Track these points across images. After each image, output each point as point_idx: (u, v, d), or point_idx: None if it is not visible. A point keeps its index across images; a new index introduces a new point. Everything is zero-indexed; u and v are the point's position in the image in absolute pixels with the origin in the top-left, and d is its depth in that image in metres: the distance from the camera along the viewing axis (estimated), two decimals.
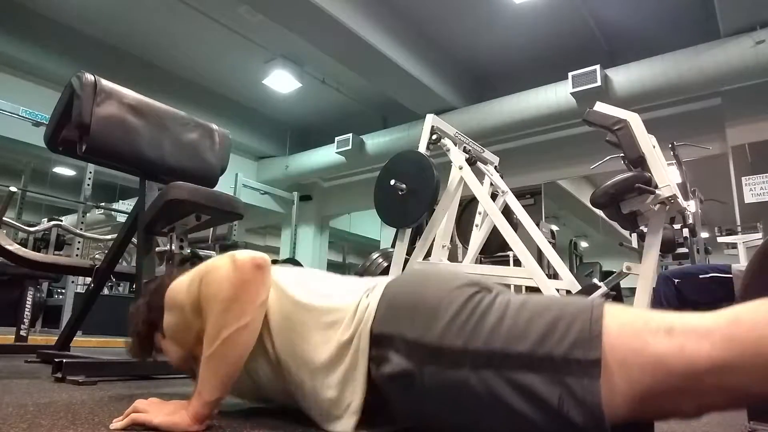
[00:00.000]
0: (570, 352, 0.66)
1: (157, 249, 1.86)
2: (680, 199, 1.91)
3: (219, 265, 0.87)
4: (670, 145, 3.76)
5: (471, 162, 2.57)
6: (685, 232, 3.71)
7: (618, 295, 3.83)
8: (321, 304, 0.91)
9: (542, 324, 0.70)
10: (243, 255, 0.87)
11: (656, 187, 1.88)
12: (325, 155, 7.91)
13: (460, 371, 0.72)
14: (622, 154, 2.09)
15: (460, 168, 2.49)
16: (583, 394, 0.64)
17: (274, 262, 1.00)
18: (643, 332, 0.65)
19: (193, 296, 0.90)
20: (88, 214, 5.32)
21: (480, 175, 2.65)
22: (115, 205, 8.28)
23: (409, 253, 2.56)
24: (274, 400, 1.03)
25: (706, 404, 0.64)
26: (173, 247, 1.77)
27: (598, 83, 5.26)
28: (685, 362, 0.61)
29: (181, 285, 0.96)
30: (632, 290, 2.10)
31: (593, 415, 0.63)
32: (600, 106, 2.16)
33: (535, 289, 2.31)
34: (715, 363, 0.59)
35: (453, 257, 3.00)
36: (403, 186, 2.40)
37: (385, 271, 2.67)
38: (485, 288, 0.81)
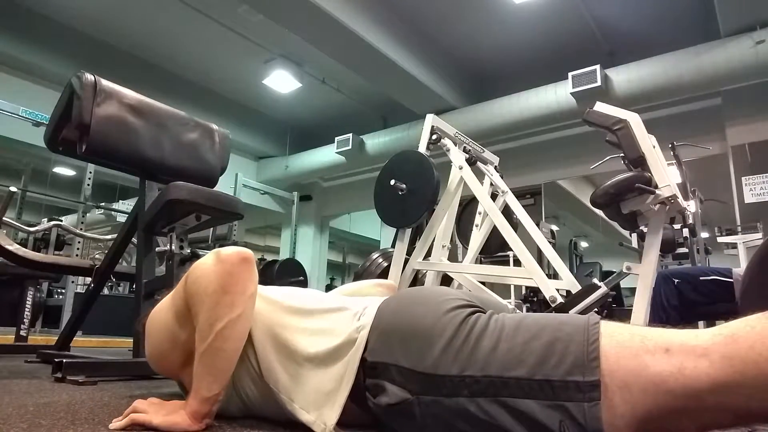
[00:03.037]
0: (568, 375, 0.65)
1: (157, 249, 1.86)
2: (680, 199, 1.90)
3: (203, 261, 0.87)
4: (670, 145, 3.75)
5: (471, 162, 2.57)
6: (685, 232, 3.71)
7: (618, 295, 3.84)
8: (313, 307, 0.91)
9: (538, 347, 0.69)
10: (227, 249, 0.88)
11: (656, 187, 1.88)
12: (325, 155, 7.91)
13: (458, 399, 0.71)
14: (622, 154, 2.09)
15: (460, 168, 2.49)
16: (584, 418, 0.63)
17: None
18: (640, 352, 0.64)
19: (178, 302, 0.90)
20: (88, 214, 5.32)
21: (480, 175, 2.64)
22: (115, 205, 8.28)
23: (409, 253, 2.56)
24: (266, 417, 1.03)
25: (708, 423, 0.63)
26: (173, 247, 1.76)
27: (598, 83, 5.26)
28: (684, 383, 0.60)
29: (160, 305, 0.96)
30: (632, 290, 2.10)
31: None
32: (600, 106, 2.16)
33: (535, 289, 2.31)
34: (715, 382, 0.59)
35: (453, 257, 3.00)
36: (403, 186, 2.40)
37: (385, 271, 2.67)
38: (478, 307, 0.80)
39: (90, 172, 4.85)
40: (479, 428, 0.70)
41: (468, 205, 3.14)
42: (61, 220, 4.35)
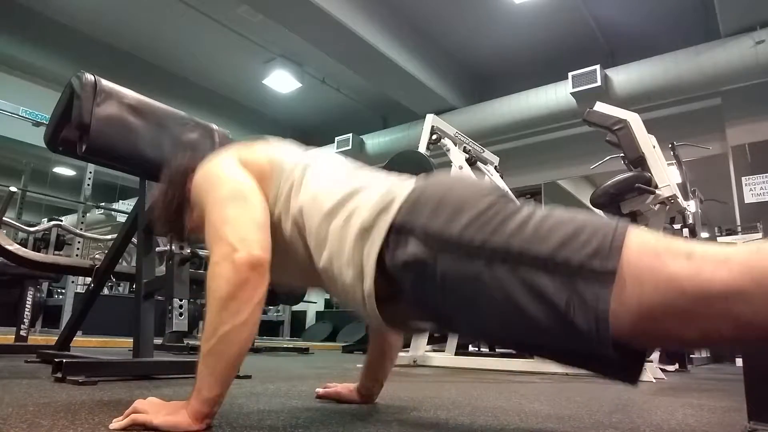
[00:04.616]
0: (588, 260, 0.66)
1: (157, 249, 1.85)
2: (680, 199, 1.91)
3: (218, 262, 0.87)
4: (670, 145, 3.76)
5: (471, 162, 2.57)
6: (685, 232, 3.71)
7: None
8: (345, 191, 0.92)
9: (564, 231, 0.70)
10: (242, 253, 0.87)
11: (656, 187, 1.89)
12: None
13: (474, 264, 0.72)
14: (622, 154, 2.09)
15: (460, 168, 2.50)
16: (592, 300, 0.64)
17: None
18: (662, 253, 0.65)
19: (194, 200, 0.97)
20: (88, 214, 5.33)
21: (480, 175, 2.65)
22: (115, 205, 8.29)
23: None
24: (301, 283, 1.05)
25: (708, 332, 0.64)
26: (173, 247, 1.76)
27: (598, 83, 5.27)
28: (699, 285, 0.61)
29: (199, 178, 1.00)
30: None
31: (598, 322, 0.64)
32: (600, 106, 2.16)
33: None
34: (728, 288, 0.60)
35: None
36: None
37: None
38: (513, 201, 0.82)
39: (90, 172, 4.85)
40: (488, 296, 0.71)
41: None
42: (61, 220, 4.35)
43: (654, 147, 2.72)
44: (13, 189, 2.65)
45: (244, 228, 0.90)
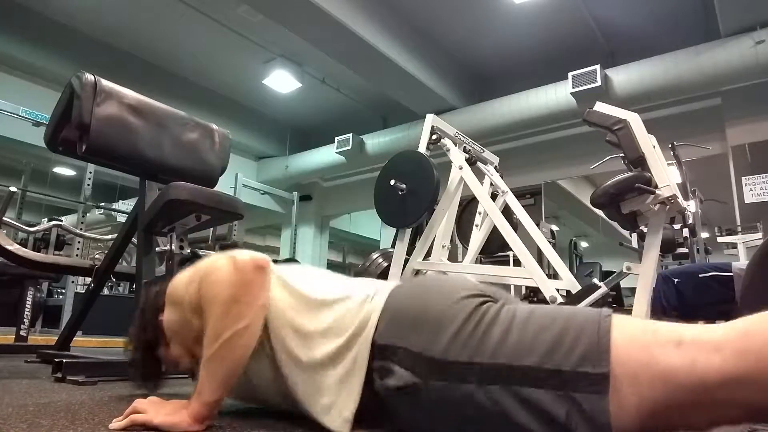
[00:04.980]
0: (578, 366, 0.65)
1: (157, 249, 1.85)
2: (680, 199, 1.90)
3: (219, 267, 0.86)
4: (670, 145, 3.75)
5: (471, 162, 2.57)
6: (685, 232, 3.71)
7: (618, 295, 3.84)
8: (325, 298, 0.91)
9: (549, 337, 0.69)
10: (243, 256, 0.87)
11: (656, 187, 1.88)
12: (325, 155, 7.91)
13: (466, 386, 0.71)
14: (622, 154, 2.09)
15: (460, 168, 2.49)
16: (591, 410, 0.63)
17: (275, 261, 1.00)
18: (652, 345, 0.64)
19: (192, 296, 0.90)
20: (88, 214, 5.33)
21: (480, 175, 2.65)
22: (115, 205, 8.29)
23: (409, 253, 2.56)
24: (271, 403, 1.03)
25: (717, 418, 0.63)
26: (173, 247, 1.76)
27: (598, 83, 5.26)
28: (695, 376, 0.60)
29: (181, 281, 0.96)
30: (632, 290, 2.10)
31: (602, 430, 0.63)
32: (600, 106, 2.16)
33: (535, 289, 2.31)
34: (726, 377, 0.59)
35: (453, 257, 3.00)
36: (403, 186, 2.40)
37: (385, 271, 2.67)
38: (490, 297, 0.80)
39: (90, 172, 4.85)
40: (485, 416, 0.70)
41: (468, 205, 3.14)
42: (61, 220, 4.35)
43: (654, 147, 2.72)
44: (13, 189, 2.66)
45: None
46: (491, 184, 2.80)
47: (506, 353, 0.70)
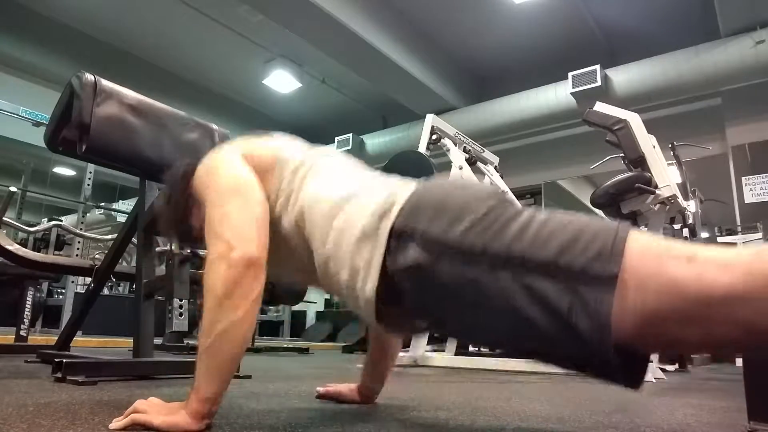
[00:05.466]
0: (589, 264, 0.66)
1: (157, 249, 1.85)
2: (680, 199, 1.91)
3: (214, 261, 0.87)
4: (670, 145, 3.76)
5: (471, 162, 2.58)
6: (685, 232, 3.71)
7: None
8: (346, 193, 0.92)
9: (565, 236, 0.70)
10: (237, 252, 0.87)
11: (656, 187, 1.88)
12: None
13: (474, 269, 0.72)
14: (622, 154, 2.09)
15: (460, 168, 2.50)
16: (594, 305, 0.64)
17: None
18: (664, 256, 0.65)
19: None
20: (88, 214, 5.33)
21: (480, 175, 2.65)
22: (115, 205, 8.29)
23: None
24: (302, 281, 1.05)
25: (711, 335, 0.64)
26: (173, 247, 1.77)
27: (598, 83, 5.27)
28: (701, 289, 0.61)
29: (201, 172, 0.99)
30: None
31: (600, 327, 0.64)
32: (600, 106, 2.16)
33: None
34: (731, 293, 0.60)
35: None
36: None
37: None
38: (513, 204, 0.82)
39: (90, 172, 4.85)
40: (490, 301, 0.71)
41: None
42: (61, 220, 4.35)
43: (654, 147, 2.72)
44: (13, 189, 2.65)
45: (242, 225, 0.89)
46: (491, 184, 2.80)
47: (521, 246, 0.71)
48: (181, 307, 1.64)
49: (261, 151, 1.03)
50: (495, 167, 2.94)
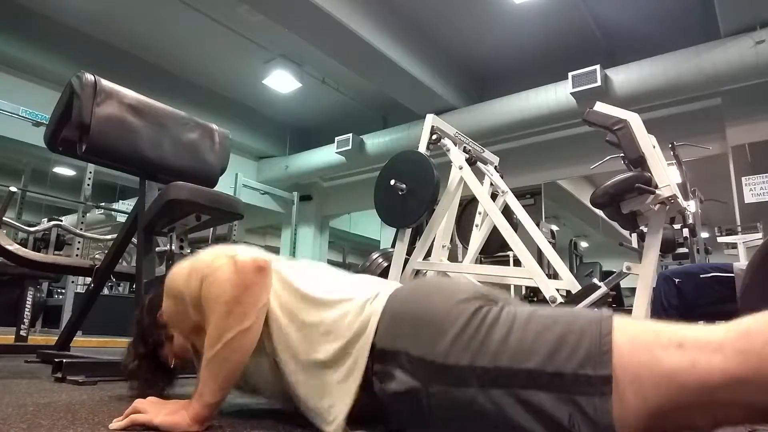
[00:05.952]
0: (580, 368, 0.65)
1: (157, 249, 1.85)
2: (680, 199, 1.90)
3: (220, 266, 0.86)
4: (670, 145, 3.75)
5: (471, 162, 2.57)
6: (685, 232, 3.71)
7: (618, 295, 3.84)
8: (326, 299, 0.90)
9: (550, 339, 0.68)
10: (244, 256, 0.87)
11: (656, 187, 1.88)
12: (325, 155, 7.91)
13: (467, 390, 0.71)
14: (622, 154, 2.09)
15: (460, 168, 2.49)
16: (594, 413, 0.63)
17: None
18: (653, 347, 0.64)
19: (193, 292, 0.89)
20: (88, 214, 5.32)
21: (480, 175, 2.65)
22: (115, 205, 8.29)
23: (409, 253, 2.56)
24: (269, 399, 1.03)
25: (720, 418, 0.63)
26: (173, 247, 1.77)
27: (598, 83, 5.26)
28: (698, 377, 0.60)
29: (180, 274, 0.95)
30: (632, 290, 2.10)
31: None
32: (600, 106, 2.16)
33: (535, 289, 2.31)
34: (728, 377, 0.59)
35: (453, 257, 3.00)
36: (403, 186, 2.40)
37: (385, 271, 2.67)
38: (490, 300, 0.80)
39: (90, 172, 4.85)
40: (487, 419, 0.70)
41: (468, 205, 3.14)
42: (61, 220, 4.35)
43: (654, 147, 2.72)
44: (13, 189, 2.66)
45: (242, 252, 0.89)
46: (491, 184, 2.80)
47: (507, 356, 0.70)
48: None
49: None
50: (495, 167, 2.94)
